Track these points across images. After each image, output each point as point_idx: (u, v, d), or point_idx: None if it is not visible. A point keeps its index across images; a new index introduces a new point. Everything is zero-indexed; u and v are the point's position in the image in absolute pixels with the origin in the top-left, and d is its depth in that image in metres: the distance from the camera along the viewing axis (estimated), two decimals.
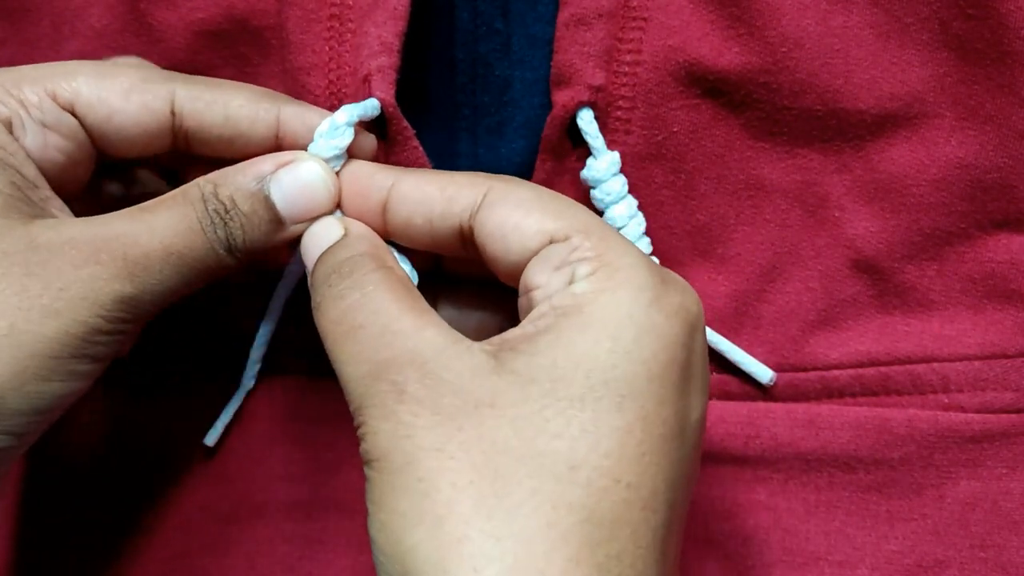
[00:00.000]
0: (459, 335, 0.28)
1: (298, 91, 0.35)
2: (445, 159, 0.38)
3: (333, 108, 0.35)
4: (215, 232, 0.31)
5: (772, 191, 0.36)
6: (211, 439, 0.38)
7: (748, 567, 0.36)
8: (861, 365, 0.36)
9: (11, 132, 0.31)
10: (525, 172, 0.37)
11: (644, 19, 0.35)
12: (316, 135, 0.32)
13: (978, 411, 0.36)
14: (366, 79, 0.34)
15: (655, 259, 0.36)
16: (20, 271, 0.28)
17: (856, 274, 0.36)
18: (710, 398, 0.37)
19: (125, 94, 0.32)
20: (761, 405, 0.37)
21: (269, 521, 0.39)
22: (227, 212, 0.31)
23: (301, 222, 0.32)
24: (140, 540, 0.39)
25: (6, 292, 0.28)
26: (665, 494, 0.27)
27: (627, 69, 0.35)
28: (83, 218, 0.30)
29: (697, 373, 0.28)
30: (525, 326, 0.28)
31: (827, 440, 0.36)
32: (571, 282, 0.28)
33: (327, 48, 0.35)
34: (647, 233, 0.36)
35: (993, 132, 0.34)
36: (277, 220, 0.31)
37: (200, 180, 0.31)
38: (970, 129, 0.35)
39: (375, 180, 0.32)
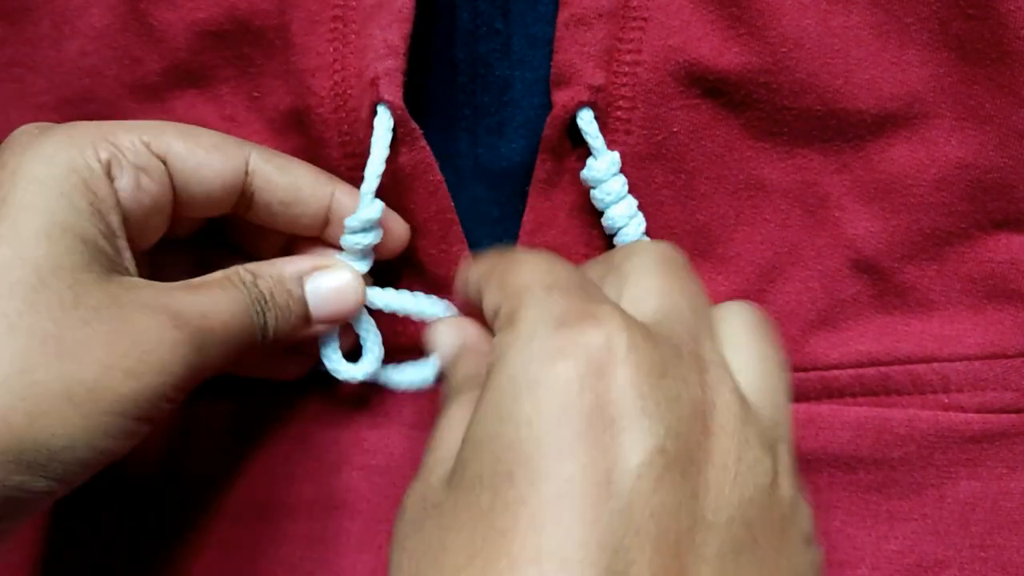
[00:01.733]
0: None
1: (303, 93, 0.35)
2: (445, 159, 0.38)
3: (338, 109, 0.35)
4: (258, 319, 0.32)
5: (772, 191, 0.36)
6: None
7: None
8: (861, 365, 0.36)
9: (109, 174, 0.31)
10: (525, 172, 0.37)
11: (644, 19, 0.35)
12: (346, 230, 0.35)
13: (978, 411, 0.36)
14: (373, 82, 0.34)
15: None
16: (107, 328, 0.29)
17: (856, 274, 0.36)
18: None
19: (209, 149, 0.33)
20: None
21: (271, 522, 0.39)
22: (265, 302, 0.33)
23: (326, 322, 0.35)
24: (141, 540, 0.39)
25: (94, 347, 0.29)
26: (588, 563, 0.23)
27: (627, 69, 0.35)
28: (151, 281, 0.31)
29: (625, 413, 0.24)
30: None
31: (827, 440, 0.36)
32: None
33: (331, 50, 0.35)
34: (647, 233, 0.36)
35: (993, 132, 0.34)
36: (306, 317, 0.34)
37: (239, 268, 0.33)
38: (970, 129, 0.35)
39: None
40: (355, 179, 0.35)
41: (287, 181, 0.34)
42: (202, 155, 0.33)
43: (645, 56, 0.35)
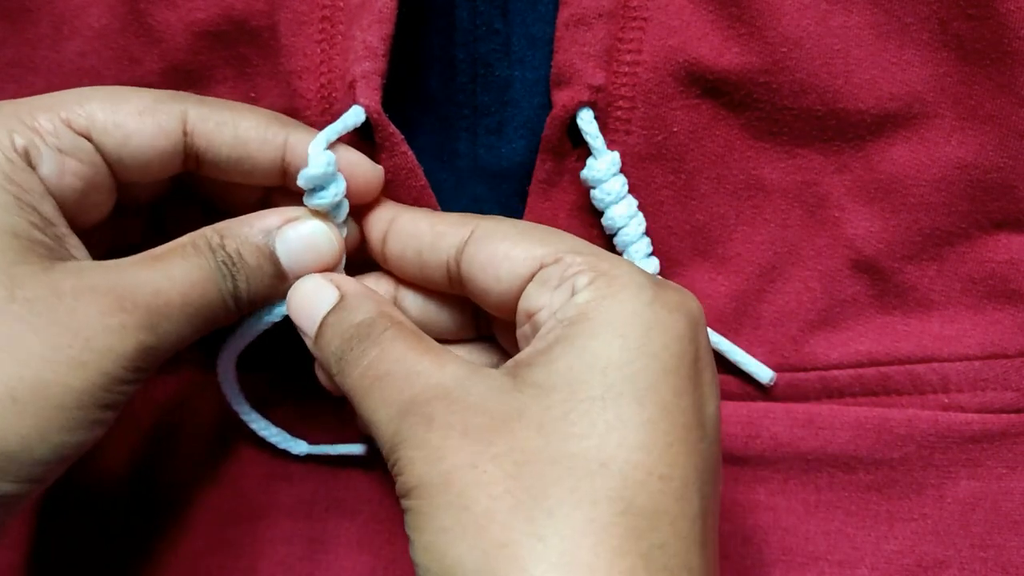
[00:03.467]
0: (477, 366, 0.29)
1: (290, 95, 0.35)
2: (445, 159, 0.38)
3: (325, 112, 0.34)
4: (225, 284, 0.31)
5: (772, 191, 0.36)
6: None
7: (748, 567, 0.36)
8: (861, 365, 0.36)
9: (29, 162, 0.30)
10: (525, 172, 0.37)
11: (644, 19, 0.35)
12: (303, 184, 0.32)
13: (978, 411, 0.36)
14: (351, 85, 0.34)
15: (655, 259, 0.36)
16: (45, 320, 0.28)
17: (856, 274, 0.36)
18: None
19: (139, 116, 0.32)
20: (761, 405, 0.37)
21: (270, 522, 0.39)
22: (234, 264, 0.31)
23: (303, 275, 0.33)
24: (142, 541, 0.39)
25: (32, 342, 0.28)
26: (696, 483, 0.27)
27: (627, 69, 0.35)
28: (100, 262, 0.30)
29: (705, 367, 0.29)
30: (536, 343, 0.29)
31: (827, 440, 0.36)
32: (572, 295, 0.29)
33: (318, 51, 0.35)
34: (647, 233, 0.36)
35: (993, 132, 0.34)
36: (280, 274, 0.32)
37: (206, 230, 0.32)
38: (970, 129, 0.35)
39: (379, 213, 0.34)
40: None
41: (231, 136, 0.32)
42: (131, 124, 0.31)
43: (645, 56, 0.35)
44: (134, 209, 0.35)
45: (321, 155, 0.32)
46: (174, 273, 0.30)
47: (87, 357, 0.28)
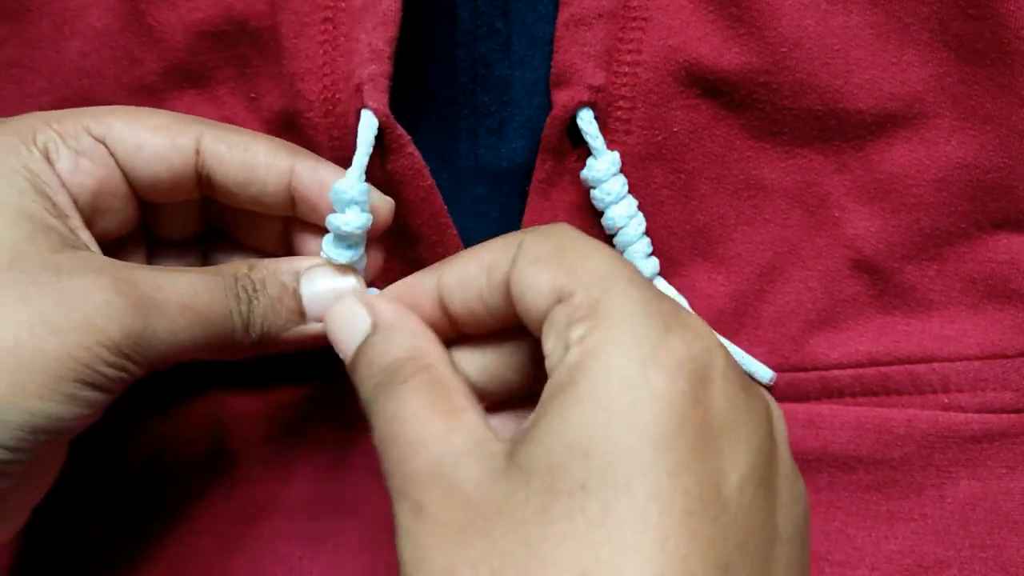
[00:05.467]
0: (487, 434, 0.26)
1: (293, 97, 0.35)
2: (445, 159, 0.38)
3: (328, 113, 0.34)
4: (238, 306, 0.32)
5: (772, 191, 0.36)
6: None
7: None
8: (861, 365, 0.36)
9: (47, 157, 0.32)
10: (525, 172, 0.37)
11: (644, 19, 0.35)
12: (329, 228, 0.33)
13: (978, 411, 0.36)
14: (358, 88, 0.34)
15: (655, 259, 0.36)
16: (37, 290, 0.28)
17: (856, 274, 0.36)
18: None
19: (154, 130, 0.33)
20: None
21: (272, 521, 0.39)
22: (255, 291, 0.32)
23: (322, 321, 0.32)
24: (143, 541, 0.39)
25: (19, 308, 0.28)
26: (716, 569, 0.23)
27: (627, 69, 0.35)
28: (111, 259, 0.31)
29: (725, 430, 0.24)
30: (537, 410, 0.26)
31: (827, 440, 0.36)
32: (567, 349, 0.25)
33: (321, 52, 0.35)
34: (647, 233, 0.36)
35: (993, 132, 0.34)
36: (299, 313, 0.33)
37: (239, 262, 0.33)
38: (970, 129, 0.35)
39: (421, 286, 0.31)
40: None
41: (240, 159, 0.33)
42: (145, 136, 0.33)
43: (645, 56, 0.35)
44: (171, 247, 0.36)
45: (355, 181, 0.33)
46: (183, 280, 0.31)
47: (66, 325, 0.28)
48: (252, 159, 0.33)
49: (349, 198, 0.32)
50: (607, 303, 0.25)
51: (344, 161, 0.34)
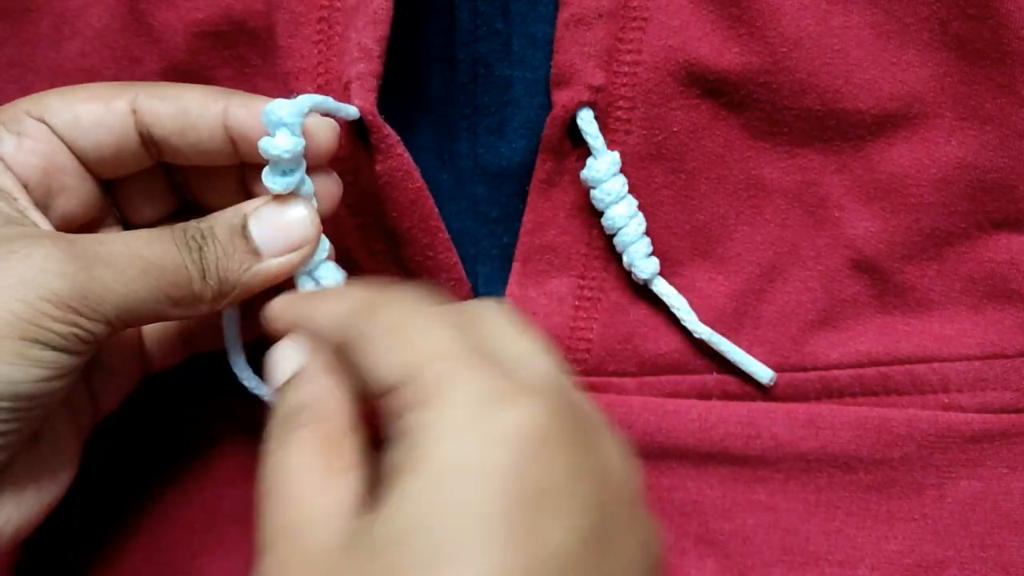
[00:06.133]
0: (354, 503, 0.26)
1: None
2: (445, 159, 0.38)
3: (324, 115, 0.34)
4: (190, 254, 0.31)
5: (772, 191, 0.36)
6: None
7: (748, 567, 0.36)
8: (861, 365, 0.36)
9: None
10: (525, 172, 0.37)
11: (644, 19, 0.35)
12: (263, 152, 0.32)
13: (978, 411, 0.36)
14: (346, 87, 0.33)
15: (655, 259, 0.36)
16: None
17: (856, 274, 0.36)
18: (710, 398, 0.37)
19: (87, 99, 0.33)
20: (761, 405, 0.37)
21: None
22: (203, 238, 0.31)
23: (279, 256, 0.32)
24: (141, 540, 0.39)
25: None
26: None
27: (627, 69, 0.35)
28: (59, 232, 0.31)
29: (554, 492, 0.25)
30: (384, 483, 0.26)
31: (827, 440, 0.36)
32: (403, 435, 0.26)
33: (315, 52, 0.34)
34: (647, 233, 0.36)
35: (993, 132, 0.34)
36: (253, 251, 0.32)
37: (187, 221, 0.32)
38: (970, 129, 0.35)
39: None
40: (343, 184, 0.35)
41: (173, 107, 0.33)
42: (80, 107, 0.33)
43: (645, 56, 0.35)
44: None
45: (287, 103, 0.31)
46: (129, 234, 0.31)
47: (7, 282, 0.28)
48: (185, 105, 0.33)
49: (278, 119, 0.31)
50: (439, 385, 0.26)
51: (338, 161, 0.34)
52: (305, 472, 0.27)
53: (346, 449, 0.28)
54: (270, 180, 0.32)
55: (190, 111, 0.33)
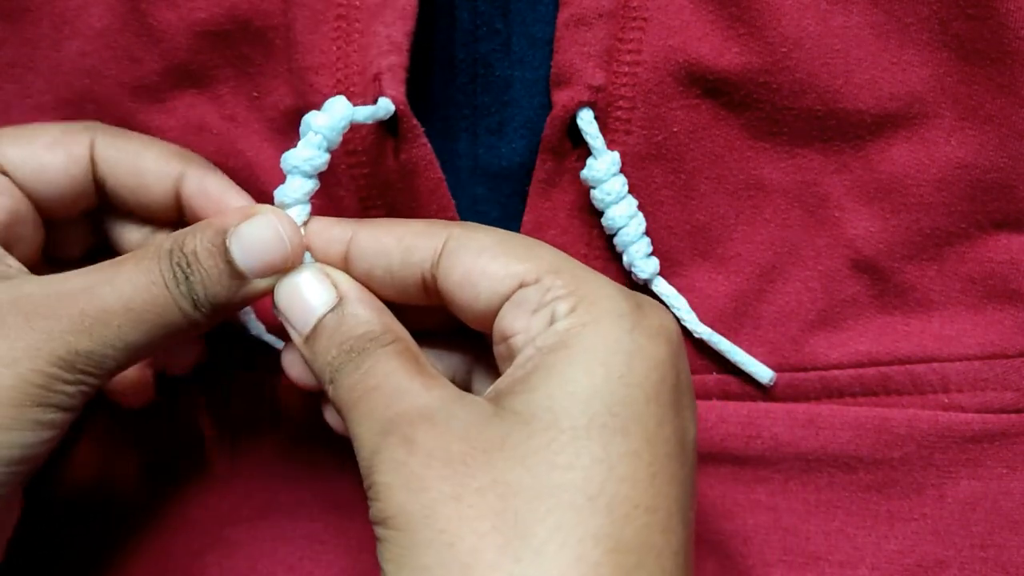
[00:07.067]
0: (464, 392, 0.28)
1: (305, 91, 0.35)
2: (445, 159, 0.38)
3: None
4: (178, 287, 0.30)
5: (772, 191, 0.36)
6: None
7: (748, 567, 0.36)
8: (861, 365, 0.36)
9: None
10: (525, 172, 0.37)
11: (644, 19, 0.35)
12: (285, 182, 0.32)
13: (978, 411, 0.36)
14: (376, 78, 0.34)
15: (655, 259, 0.36)
16: None
17: (856, 274, 0.36)
18: (710, 399, 0.37)
19: (49, 147, 0.33)
20: (761, 405, 0.37)
21: (270, 521, 0.39)
22: (189, 266, 0.30)
23: (263, 277, 0.31)
24: (142, 541, 0.39)
25: None
26: (678, 515, 0.27)
27: (627, 69, 0.35)
28: (41, 276, 0.31)
29: (685, 392, 0.29)
30: (515, 371, 0.28)
31: (827, 440, 0.36)
32: (552, 322, 0.28)
33: (335, 48, 0.35)
34: (647, 233, 0.36)
35: (993, 132, 0.34)
36: (238, 275, 0.30)
37: (171, 234, 0.31)
38: (970, 129, 0.35)
39: (333, 233, 0.31)
40: (356, 177, 0.35)
41: (131, 166, 0.33)
42: (43, 156, 0.33)
43: (645, 56, 0.35)
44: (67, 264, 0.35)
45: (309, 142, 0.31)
46: (118, 279, 0.30)
47: (16, 355, 0.28)
48: (143, 164, 0.33)
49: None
50: (583, 285, 0.28)
51: (356, 153, 0.34)
52: (407, 371, 0.28)
53: (428, 363, 0.30)
54: (283, 194, 0.32)
55: (146, 173, 0.33)
